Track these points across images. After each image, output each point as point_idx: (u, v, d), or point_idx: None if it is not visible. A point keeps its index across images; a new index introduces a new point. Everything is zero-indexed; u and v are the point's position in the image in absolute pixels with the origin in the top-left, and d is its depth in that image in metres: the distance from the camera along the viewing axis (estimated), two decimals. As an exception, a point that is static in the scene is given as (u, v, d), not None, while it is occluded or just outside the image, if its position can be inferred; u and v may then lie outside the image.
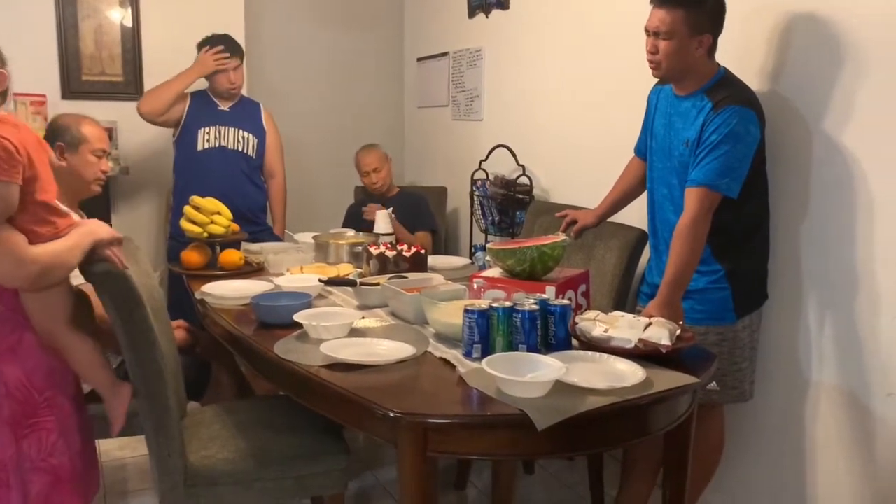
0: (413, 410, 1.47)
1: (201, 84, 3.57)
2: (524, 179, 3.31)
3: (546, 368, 1.57)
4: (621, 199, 2.58)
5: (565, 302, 1.82)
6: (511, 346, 1.76)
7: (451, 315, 1.89)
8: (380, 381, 1.65)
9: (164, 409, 1.81)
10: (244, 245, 2.97)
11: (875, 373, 2.01)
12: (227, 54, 3.37)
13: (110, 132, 3.62)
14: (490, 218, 3.44)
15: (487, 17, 3.72)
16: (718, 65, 2.16)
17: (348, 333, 1.93)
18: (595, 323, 1.84)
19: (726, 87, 2.11)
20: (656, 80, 2.31)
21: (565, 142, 3.24)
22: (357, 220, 3.63)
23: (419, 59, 4.46)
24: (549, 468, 2.94)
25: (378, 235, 2.95)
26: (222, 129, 3.44)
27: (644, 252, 2.56)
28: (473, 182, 3.57)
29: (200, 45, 3.43)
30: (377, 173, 3.63)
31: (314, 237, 2.95)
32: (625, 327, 1.82)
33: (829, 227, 2.11)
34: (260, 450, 1.92)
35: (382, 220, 3.04)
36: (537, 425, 1.41)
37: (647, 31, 2.15)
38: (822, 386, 2.17)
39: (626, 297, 2.54)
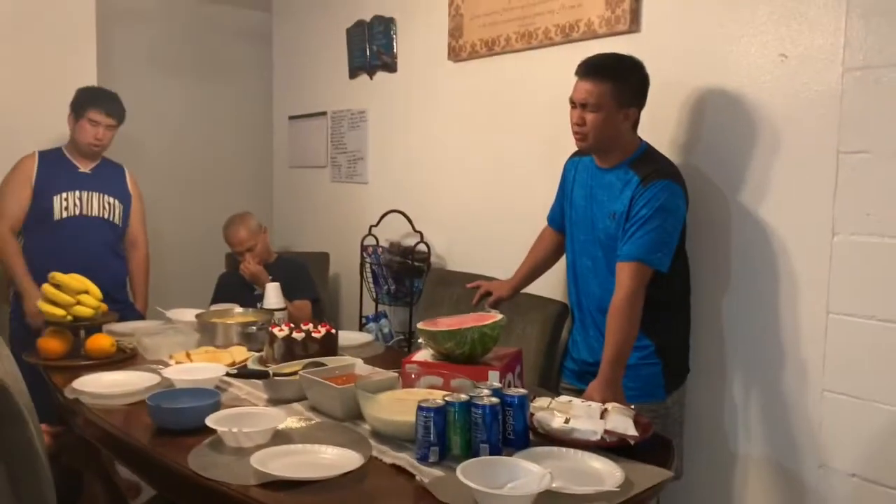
0: (389, 540, 1.25)
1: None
2: (422, 247, 3.17)
3: (526, 474, 1.41)
4: (535, 270, 2.51)
5: (521, 391, 1.67)
6: (469, 446, 1.59)
7: (393, 411, 1.69)
8: (330, 500, 1.41)
9: (49, 551, 1.45)
10: (107, 327, 2.58)
11: (805, 445, 2.03)
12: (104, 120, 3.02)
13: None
14: (385, 287, 3.25)
15: (372, 78, 3.60)
16: (640, 138, 2.16)
17: (271, 438, 1.67)
18: (552, 413, 1.71)
19: (651, 161, 2.11)
20: (572, 150, 2.29)
21: (460, 208, 3.15)
22: (233, 291, 3.31)
23: (291, 118, 4.23)
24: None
25: (271, 312, 2.68)
26: (83, 194, 3.03)
27: (565, 325, 2.49)
28: (364, 248, 3.38)
29: (71, 105, 3.05)
30: (251, 253, 3.26)
31: (197, 316, 2.62)
32: (584, 416, 1.71)
33: (752, 301, 2.14)
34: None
35: (273, 293, 2.77)
36: (535, 547, 1.24)
37: (572, 102, 2.12)
38: (751, 458, 2.17)
39: (550, 374, 2.45)
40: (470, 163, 3.09)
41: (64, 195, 3.00)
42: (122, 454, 1.76)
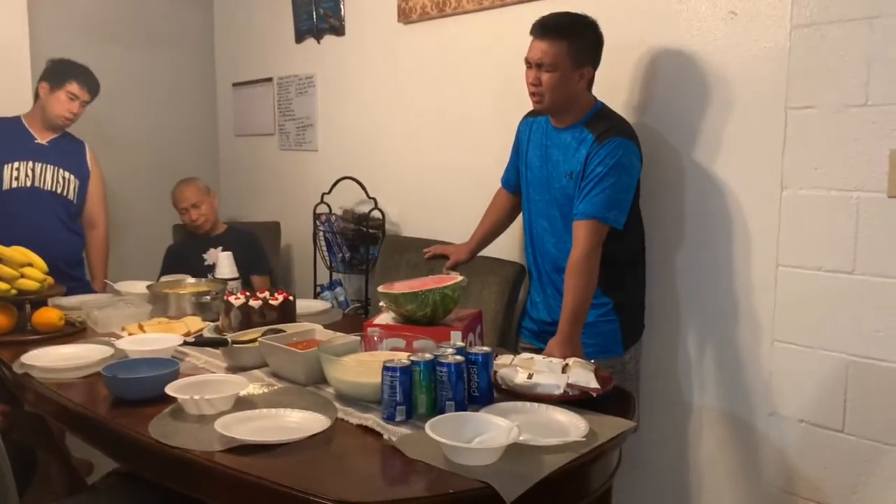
0: (361, 498, 1.25)
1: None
2: (376, 213, 3.14)
3: (493, 428, 1.43)
4: (491, 232, 2.52)
5: (485, 349, 1.68)
6: (435, 404, 1.59)
7: (358, 373, 1.68)
8: (298, 462, 1.40)
9: (7, 527, 1.41)
10: (53, 301, 2.49)
11: (757, 394, 2.10)
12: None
13: None
14: (339, 255, 3.22)
15: (319, 42, 3.52)
16: (595, 98, 2.17)
17: (233, 405, 1.65)
18: (515, 369, 1.73)
19: (606, 120, 2.12)
20: (525, 111, 2.29)
21: (413, 173, 3.12)
22: (182, 262, 3.24)
23: (235, 84, 4.12)
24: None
25: (225, 281, 2.63)
26: (37, 165, 2.92)
27: (522, 286, 2.51)
28: (317, 217, 3.33)
29: (45, 74, 2.93)
30: (196, 209, 3.26)
31: (148, 287, 2.55)
32: (546, 371, 1.73)
33: (706, 256, 2.19)
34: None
35: (226, 262, 2.72)
36: (506, 497, 1.26)
37: (528, 62, 2.11)
38: (705, 409, 2.23)
39: (509, 335, 2.47)
40: (423, 127, 3.07)
41: (16, 164, 2.89)
42: (79, 428, 1.72)
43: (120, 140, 3.90)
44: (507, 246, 2.61)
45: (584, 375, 1.69)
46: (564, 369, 1.75)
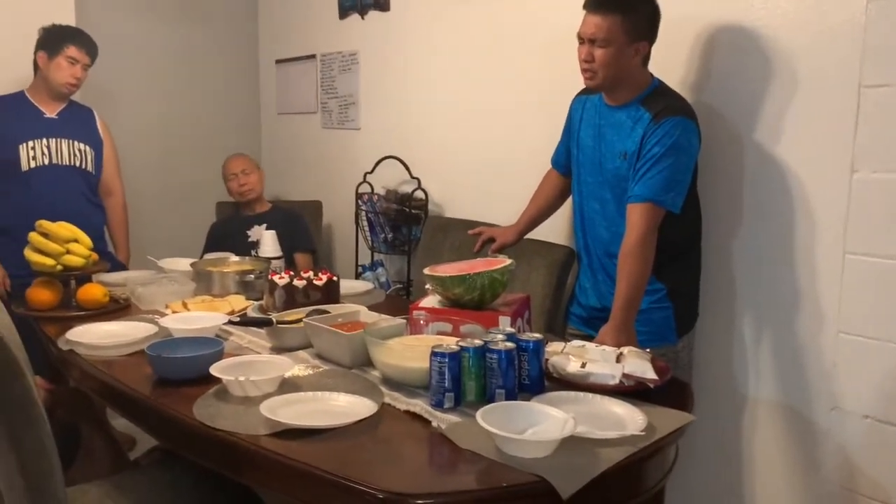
0: (411, 489, 1.21)
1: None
2: (419, 193, 3.08)
3: (547, 419, 1.37)
4: (540, 215, 2.45)
5: (537, 336, 1.62)
6: (484, 391, 1.54)
7: (405, 357, 1.63)
8: (345, 448, 1.36)
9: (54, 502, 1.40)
10: (98, 277, 2.49)
11: (818, 388, 2.00)
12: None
13: None
14: (382, 235, 3.18)
15: (363, 18, 3.46)
16: (652, 74, 2.08)
17: (278, 387, 1.61)
18: (567, 357, 1.67)
19: (663, 98, 2.03)
20: (576, 88, 2.20)
21: (458, 152, 3.06)
22: (226, 240, 3.24)
23: (278, 61, 4.09)
24: None
25: (268, 260, 2.60)
26: (52, 141, 2.88)
27: (571, 271, 2.43)
28: (359, 196, 3.28)
29: (41, 43, 2.88)
30: (245, 175, 3.30)
31: (192, 265, 2.54)
32: (600, 360, 1.66)
33: (765, 242, 2.09)
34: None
35: (270, 241, 2.69)
36: (562, 493, 1.20)
37: (580, 38, 2.02)
38: (760, 401, 2.14)
39: (556, 320, 2.40)
40: (468, 105, 2.99)
41: (30, 143, 2.84)
42: (123, 406, 1.70)
43: (163, 118, 3.91)
44: (556, 229, 2.53)
45: (640, 365, 1.62)
46: (619, 358, 1.68)
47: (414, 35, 3.20)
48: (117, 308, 2.29)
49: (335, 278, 2.22)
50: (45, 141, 2.87)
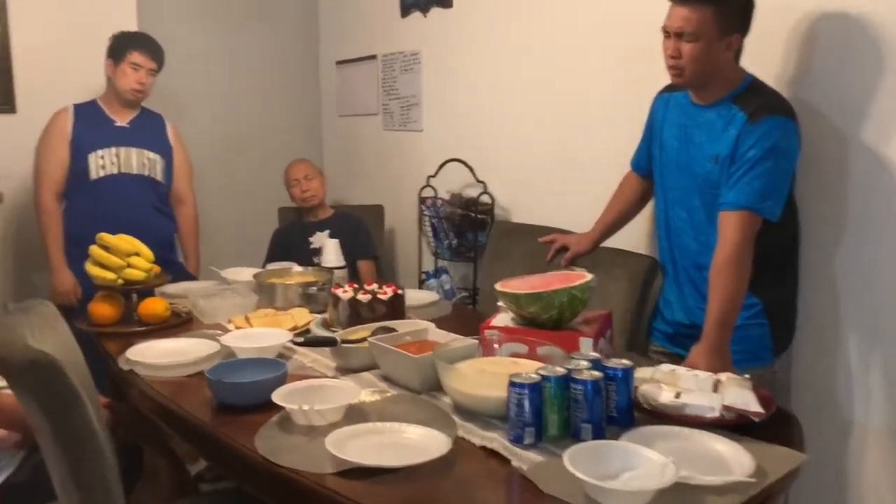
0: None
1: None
2: (485, 198, 2.95)
3: (643, 463, 1.22)
4: (618, 221, 2.29)
5: (625, 363, 1.47)
6: (568, 425, 1.40)
7: (479, 385, 1.50)
8: (418, 489, 1.24)
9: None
10: (159, 289, 2.44)
11: (939, 414, 1.80)
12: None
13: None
14: (446, 241, 3.06)
15: (425, 16, 3.34)
16: (744, 70, 1.90)
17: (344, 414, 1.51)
18: (659, 386, 1.51)
19: (759, 95, 1.85)
20: (654, 85, 2.05)
21: (526, 155, 2.91)
22: (288, 247, 3.18)
23: (339, 63, 4.01)
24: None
25: (331, 270, 2.51)
26: (121, 151, 2.85)
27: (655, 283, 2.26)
28: (422, 200, 3.17)
29: (108, 51, 2.87)
30: (308, 181, 3.23)
31: (255, 276, 2.46)
32: (695, 389, 1.50)
33: (873, 253, 1.89)
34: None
35: (333, 250, 2.60)
36: (665, 552, 1.06)
37: (665, 31, 1.86)
38: (870, 428, 1.95)
39: (638, 337, 2.23)
40: (538, 103, 2.84)
41: (100, 153, 2.82)
42: (183, 432, 1.62)
43: (223, 122, 3.87)
44: (633, 236, 2.37)
45: (742, 395, 1.45)
46: (716, 386, 1.52)
47: (479, 31, 3.07)
48: (179, 322, 2.23)
49: (400, 291, 2.10)
50: (114, 150, 2.85)
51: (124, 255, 2.21)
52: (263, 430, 1.47)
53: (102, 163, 2.83)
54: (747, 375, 1.58)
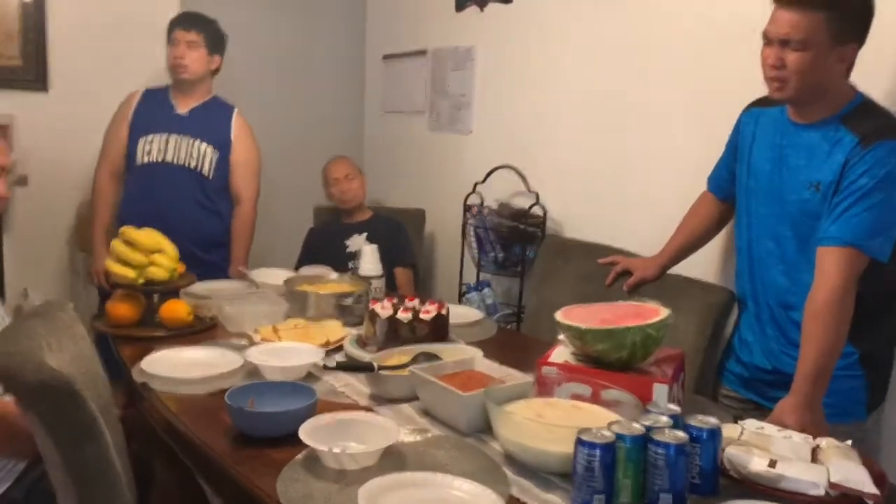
0: None
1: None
2: (537, 209, 2.74)
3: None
4: (689, 246, 2.08)
5: (712, 422, 1.25)
6: (643, 493, 1.19)
7: (538, 437, 1.29)
8: (466, 567, 1.04)
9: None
10: (184, 290, 2.26)
11: None
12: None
13: (4, 130, 2.83)
14: (492, 254, 2.85)
15: (482, 10, 3.13)
16: (854, 87, 1.66)
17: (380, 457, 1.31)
18: (750, 450, 1.29)
19: (871, 116, 1.62)
20: (731, 97, 1.82)
21: (583, 165, 2.69)
22: (323, 248, 3.00)
23: (385, 57, 3.81)
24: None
25: (368, 280, 2.31)
26: (171, 138, 2.70)
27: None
28: (467, 208, 2.97)
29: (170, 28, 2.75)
30: (348, 181, 3.05)
31: (286, 282, 2.27)
32: (792, 457, 1.28)
33: None
34: None
35: (371, 257, 2.40)
36: None
37: (767, 38, 1.63)
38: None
39: (708, 378, 2.01)
40: (597, 112, 2.62)
41: (150, 138, 2.69)
42: (196, 463, 1.44)
43: (261, 112, 3.66)
44: (703, 265, 2.14)
45: (851, 470, 1.22)
46: (814, 454, 1.30)
47: (539, 29, 2.85)
48: (202, 328, 2.05)
49: (444, 311, 1.90)
50: (164, 136, 2.71)
51: (147, 251, 2.04)
52: (287, 470, 1.28)
53: (149, 149, 2.70)
54: (849, 442, 1.35)
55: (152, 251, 2.04)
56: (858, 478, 1.21)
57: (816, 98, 1.63)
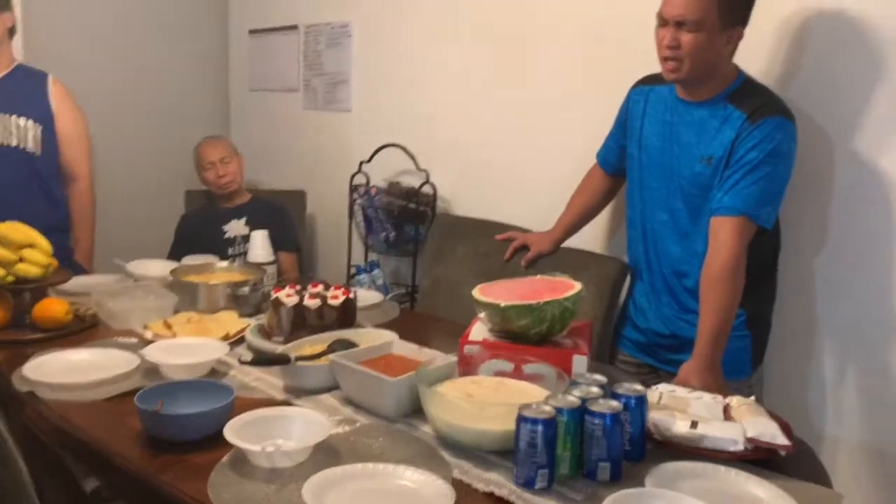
0: None
1: None
2: (427, 188, 2.72)
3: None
4: (581, 219, 2.15)
5: (638, 388, 1.31)
6: (581, 463, 1.22)
7: (474, 417, 1.29)
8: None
9: None
10: (54, 288, 2.06)
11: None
12: None
13: None
14: (383, 234, 2.81)
15: (356, -15, 3.06)
16: (738, 66, 1.77)
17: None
18: (672, 414, 1.36)
19: (757, 94, 1.73)
20: (622, 70, 1.90)
21: (471, 142, 2.70)
22: (197, 235, 2.84)
23: (252, 32, 3.64)
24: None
25: (261, 266, 2.21)
26: None
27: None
28: (354, 188, 2.90)
29: None
30: (224, 165, 2.90)
31: (171, 272, 2.13)
32: (708, 417, 1.36)
33: (853, 265, 1.83)
34: None
35: (261, 243, 2.30)
36: None
37: (662, 19, 1.70)
38: (841, 442, 1.89)
39: (605, 345, 2.09)
40: (486, 88, 2.63)
41: None
42: (108, 479, 1.32)
43: (117, 92, 3.39)
44: (594, 237, 2.22)
45: (764, 426, 1.32)
46: (726, 412, 1.39)
47: (420, 2, 2.81)
48: (83, 328, 1.88)
49: (352, 296, 1.86)
50: None
51: (16, 247, 1.83)
52: (215, 475, 1.20)
53: None
54: (752, 398, 1.46)
55: (21, 246, 1.84)
56: (771, 431, 1.30)
57: (707, 78, 1.73)
